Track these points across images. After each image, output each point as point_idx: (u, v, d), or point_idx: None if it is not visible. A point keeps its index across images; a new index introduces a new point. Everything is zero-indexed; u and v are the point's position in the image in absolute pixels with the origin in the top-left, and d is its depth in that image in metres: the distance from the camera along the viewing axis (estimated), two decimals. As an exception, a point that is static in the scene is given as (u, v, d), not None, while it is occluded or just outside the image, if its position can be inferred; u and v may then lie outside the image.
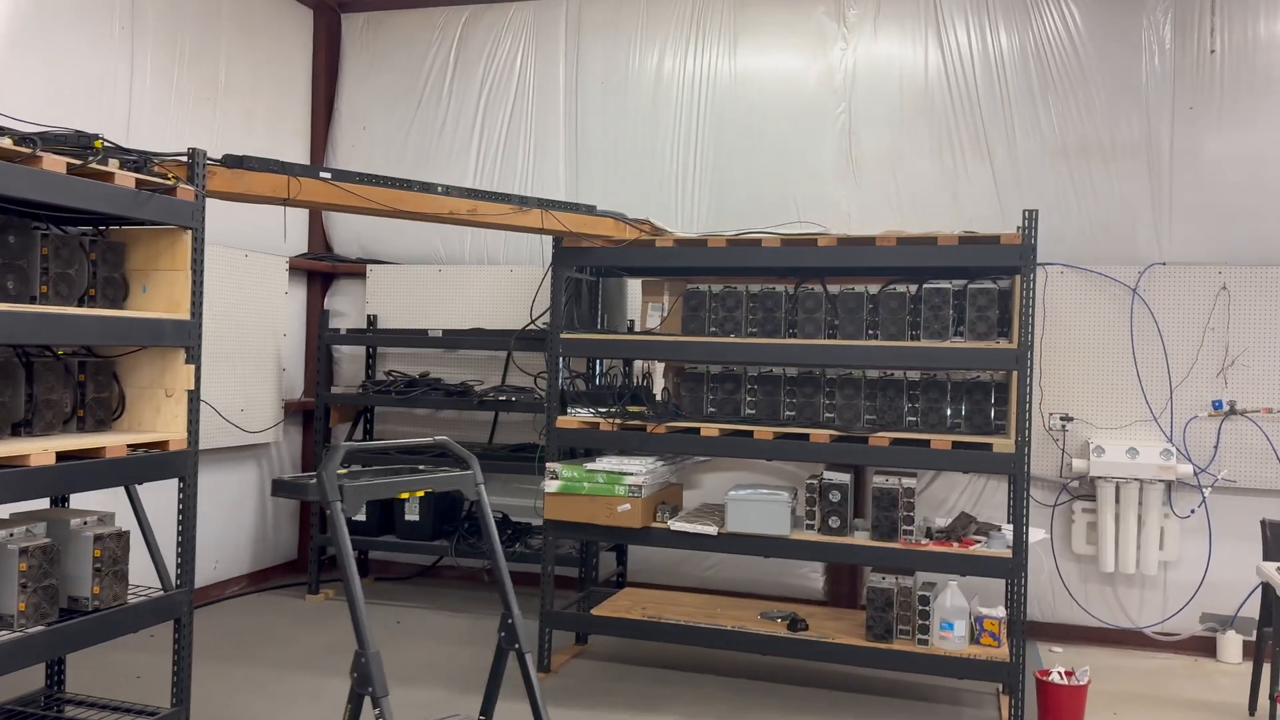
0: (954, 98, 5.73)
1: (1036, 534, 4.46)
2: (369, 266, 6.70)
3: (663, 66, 6.25)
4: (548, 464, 4.67)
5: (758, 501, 4.46)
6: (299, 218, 6.84)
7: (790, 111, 6.00)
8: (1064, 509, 5.45)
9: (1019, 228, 4.18)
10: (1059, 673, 4.17)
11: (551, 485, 4.62)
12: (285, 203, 3.66)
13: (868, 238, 4.40)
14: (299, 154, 6.78)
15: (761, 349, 4.51)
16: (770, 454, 4.49)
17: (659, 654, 5.05)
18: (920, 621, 4.29)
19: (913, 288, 4.54)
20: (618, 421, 4.66)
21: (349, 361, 6.87)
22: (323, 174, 3.72)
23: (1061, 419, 5.40)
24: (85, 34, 4.98)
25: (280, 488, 2.31)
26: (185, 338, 3.32)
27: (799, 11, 6.01)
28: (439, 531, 6.06)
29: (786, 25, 6.05)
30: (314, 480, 2.20)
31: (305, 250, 6.87)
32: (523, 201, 4.30)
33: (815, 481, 4.48)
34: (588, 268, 5.12)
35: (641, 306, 5.21)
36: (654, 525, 4.60)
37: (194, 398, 3.36)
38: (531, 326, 5.56)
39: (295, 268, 6.57)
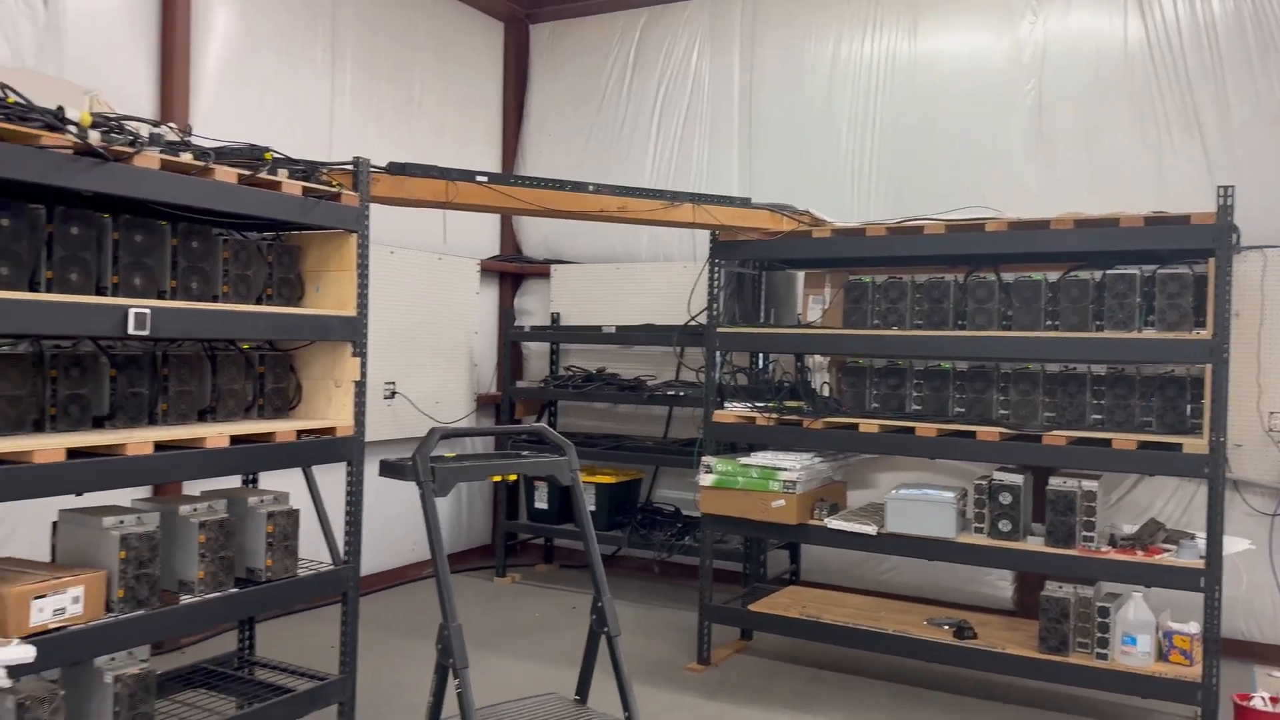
0: (1157, 68, 5.24)
1: (1238, 544, 4.01)
2: (553, 266, 6.96)
3: (839, 54, 6.10)
4: (704, 458, 4.69)
5: (920, 502, 4.27)
6: (492, 223, 7.20)
7: (974, 92, 5.70)
8: (1287, 520, 4.87)
9: (1222, 205, 3.77)
10: (1263, 698, 3.74)
11: (706, 479, 4.63)
12: (444, 206, 3.88)
13: (1041, 221, 4.12)
14: (490, 161, 7.14)
15: (927, 342, 4.32)
16: (933, 452, 4.30)
17: (823, 655, 4.94)
18: (1099, 634, 3.96)
19: (1097, 274, 4.20)
20: (775, 416, 4.60)
21: (536, 357, 7.16)
22: (479, 178, 3.91)
23: (1285, 419, 4.82)
24: (291, 59, 5.48)
25: (385, 469, 2.47)
26: (351, 332, 3.58)
27: (983, -13, 5.70)
28: (613, 523, 6.20)
29: (971, 2, 5.75)
30: (411, 462, 2.34)
31: (497, 253, 7.21)
32: (674, 197, 4.34)
33: (984, 482, 4.24)
34: (749, 261, 5.08)
35: (803, 299, 5.11)
36: (810, 522, 4.51)
37: (360, 388, 3.62)
38: (694, 322, 5.59)
39: (487, 269, 6.93)
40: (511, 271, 7.19)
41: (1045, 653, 4.04)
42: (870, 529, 4.33)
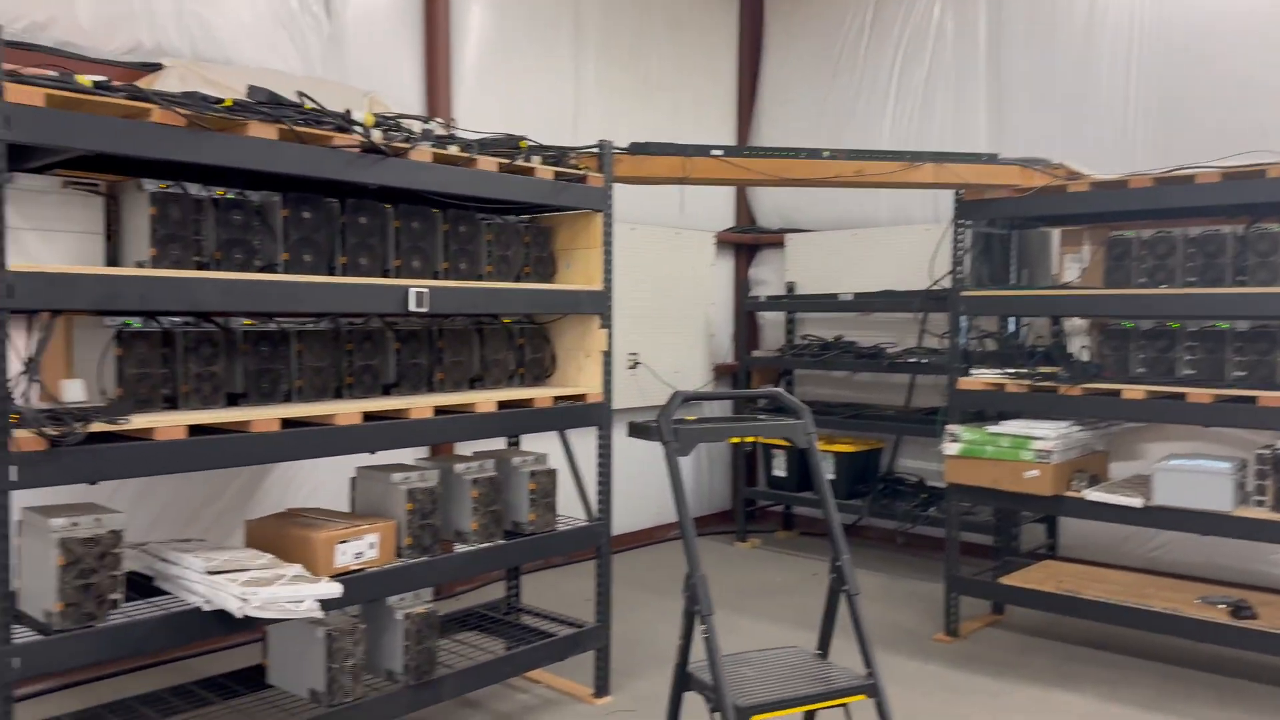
0: None
1: None
2: (787, 236, 6.98)
3: (1096, -5, 5.69)
4: (948, 426, 4.58)
5: (1192, 473, 3.98)
6: (727, 195, 7.30)
7: (1252, 23, 5.15)
8: None
9: None
10: None
11: (952, 448, 4.53)
12: (681, 181, 4.02)
13: (1336, 164, 3.70)
14: (725, 134, 7.24)
15: (1201, 300, 4.00)
16: (1207, 419, 3.98)
17: (1080, 632, 4.72)
18: None
19: (1407, 220, 3.72)
20: (1027, 383, 4.42)
21: (772, 327, 7.22)
22: (713, 152, 4.02)
23: None
24: (539, 51, 5.81)
25: (633, 429, 2.62)
26: (598, 305, 3.81)
27: (1267, -95, 5.12)
28: (853, 492, 6.18)
29: (1250, -76, 5.19)
30: (655, 424, 2.48)
31: (732, 224, 7.32)
32: (914, 157, 4.25)
33: (1266, 452, 3.89)
34: (997, 221, 4.88)
35: (1058, 259, 4.85)
36: (1067, 494, 4.31)
37: (607, 358, 3.84)
38: (937, 286, 5.43)
39: (722, 241, 7.06)
40: (746, 242, 7.28)
41: (1342, 640, 3.67)
42: (1135, 501, 4.09)
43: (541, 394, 3.64)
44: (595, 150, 3.81)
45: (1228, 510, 3.89)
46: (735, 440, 2.56)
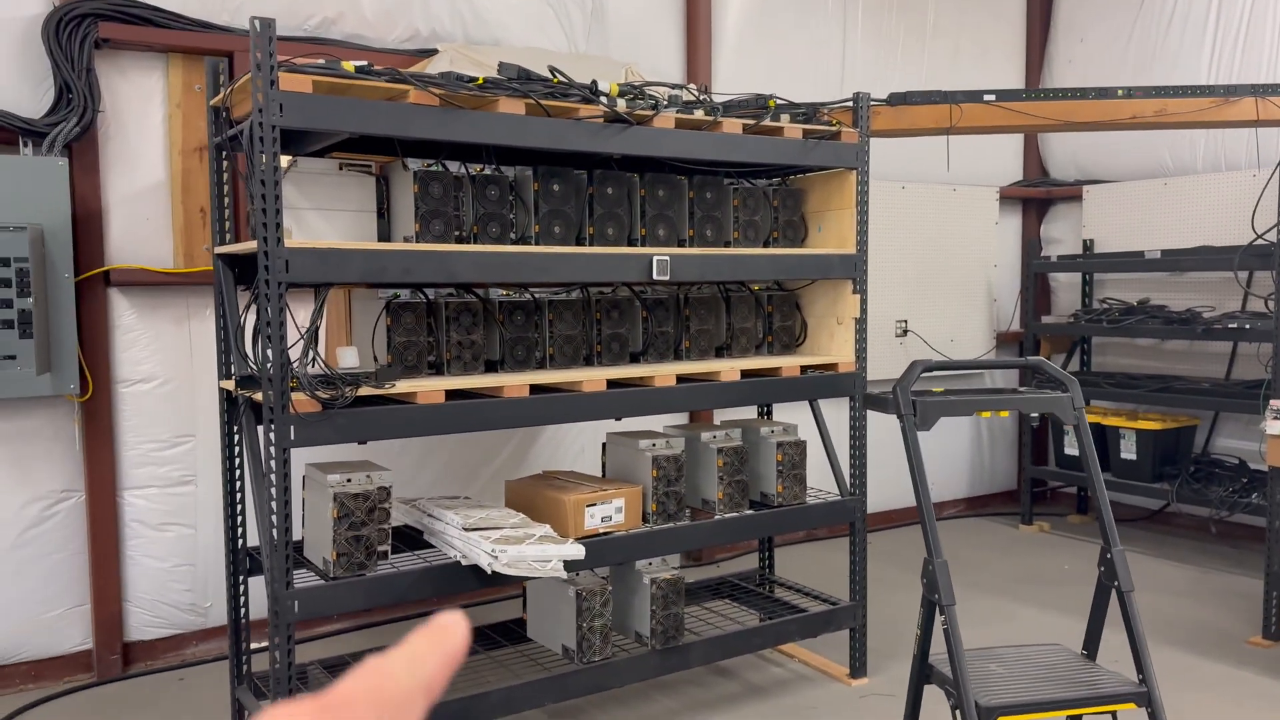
0: None
1: None
2: (1085, 188, 6.33)
3: None
4: (1272, 401, 3.96)
5: None
6: (1014, 146, 6.74)
7: None
8: None
9: None
10: None
11: (1275, 427, 3.91)
12: (949, 132, 3.73)
13: None
14: (1012, 78, 6.66)
15: None
16: None
17: None
18: None
19: None
20: (1376, 352, 3.72)
21: (1065, 290, 6.60)
22: (986, 97, 3.69)
23: None
24: (803, 9, 5.62)
25: (869, 401, 2.45)
26: (850, 270, 3.63)
27: None
28: (1159, 474, 5.53)
29: None
30: (892, 395, 2.30)
31: (1019, 178, 6.75)
32: (1229, 91, 3.68)
33: None
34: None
35: None
36: None
37: (861, 325, 3.66)
38: (1262, 241, 4.70)
39: (1007, 197, 6.53)
40: (1036, 197, 6.68)
41: None
42: None
43: (789, 363, 3.53)
44: (849, 104, 3.62)
45: None
46: (985, 414, 2.31)
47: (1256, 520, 5.03)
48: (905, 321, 6.00)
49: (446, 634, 0.44)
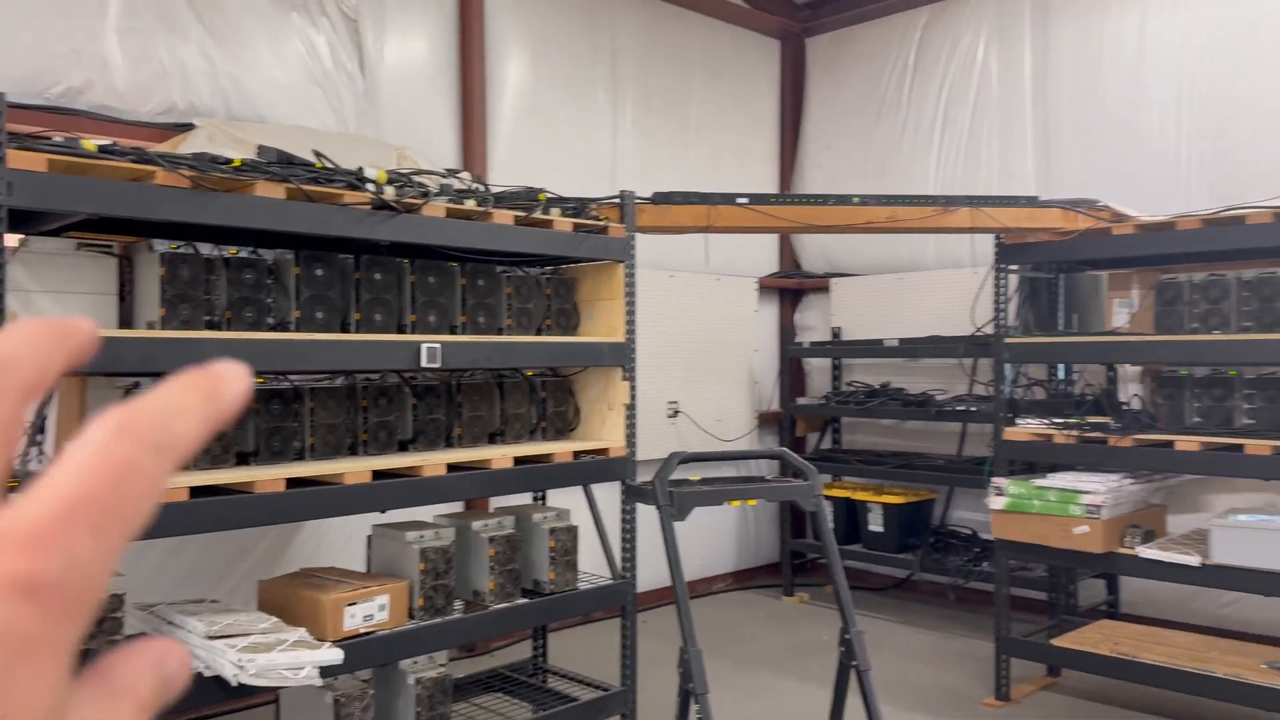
0: None
1: None
2: (832, 280, 6.85)
3: (1145, 31, 5.52)
4: (994, 479, 4.39)
5: (1251, 530, 3.73)
6: (770, 240, 7.22)
7: (1315, 57, 4.93)
8: None
9: None
10: None
11: (998, 502, 4.33)
12: (707, 230, 3.95)
13: (1400, 201, 3.48)
14: (768, 179, 7.17)
15: (1258, 346, 3.78)
16: (1267, 472, 3.74)
17: (1140, 697, 4.45)
18: None
19: None
20: (1075, 434, 4.22)
21: (818, 373, 7.07)
22: (740, 200, 3.94)
23: None
24: (576, 100, 5.83)
25: (628, 492, 2.53)
26: (621, 357, 3.74)
27: (1324, -68, 4.92)
28: (902, 545, 5.96)
29: (1307, -48, 4.99)
30: (651, 486, 2.38)
31: (776, 269, 7.22)
32: (948, 201, 4.12)
33: (1336, 508, 3.63)
34: (1043, 265, 4.71)
35: (1104, 303, 4.65)
36: (1120, 551, 4.08)
37: (631, 410, 3.76)
38: (980, 332, 5.26)
39: (766, 286, 6.96)
40: (790, 287, 7.16)
41: None
42: (1192, 560, 3.85)
43: (562, 448, 3.57)
44: (617, 201, 3.76)
45: (1294, 571, 3.63)
46: (735, 503, 2.42)
47: (989, 587, 5.50)
48: (676, 403, 6.21)
49: (220, 382, 0.34)
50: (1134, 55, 5.53)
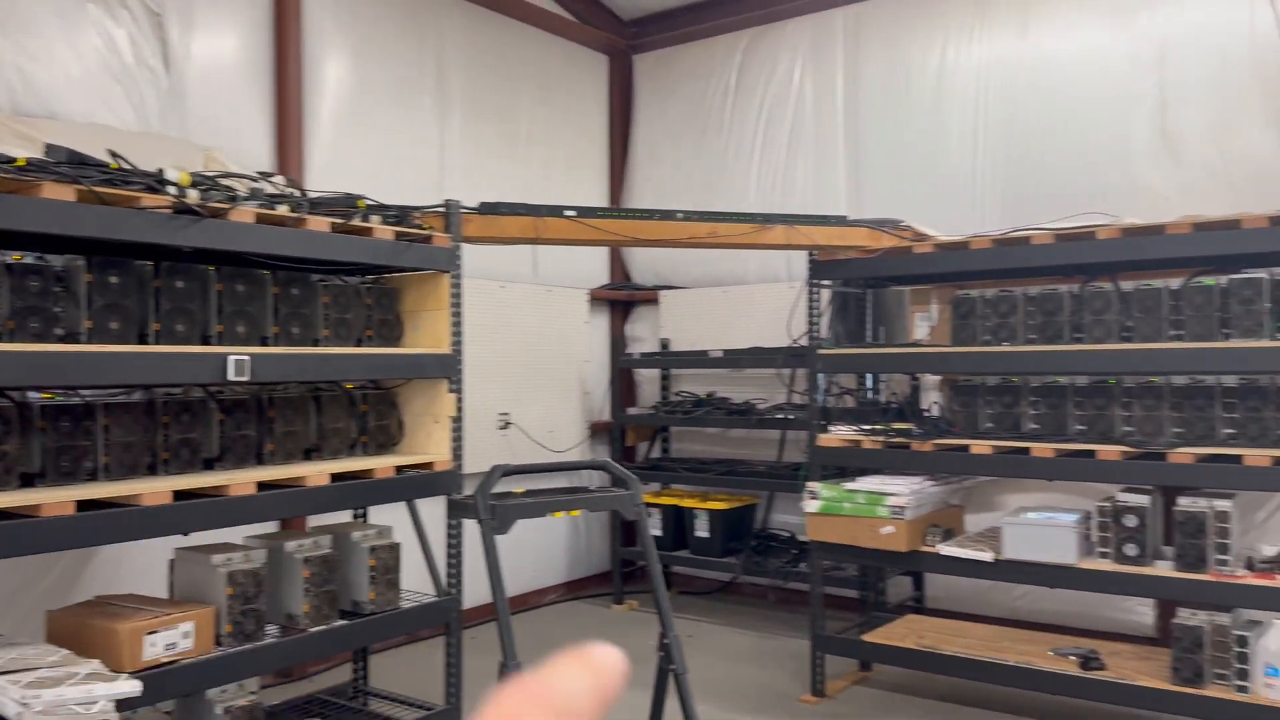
0: (1293, 53, 4.85)
1: (1402, 571, 3.63)
2: (661, 293, 6.99)
3: (945, 61, 5.92)
4: (808, 484, 4.59)
5: (1038, 526, 4.06)
6: (601, 252, 7.29)
7: (1090, 91, 5.42)
8: None
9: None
10: None
11: (812, 505, 4.53)
12: (534, 241, 3.95)
13: (1156, 226, 3.87)
14: (598, 193, 7.24)
15: (1041, 357, 4.11)
16: (1051, 474, 4.08)
17: (944, 687, 4.74)
18: (1238, 665, 3.65)
19: (1222, 280, 3.92)
20: (881, 439, 4.46)
21: (648, 383, 7.18)
22: (567, 212, 3.97)
23: None
24: (401, 106, 5.71)
25: (452, 507, 2.51)
26: (446, 369, 3.68)
27: (1095, -18, 5.43)
28: (727, 549, 6.13)
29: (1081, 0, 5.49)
30: (472, 500, 2.37)
31: (606, 281, 7.29)
32: (765, 219, 4.29)
33: (1108, 504, 4.00)
34: (853, 280, 4.97)
35: (908, 317, 4.95)
36: (922, 549, 4.34)
37: (458, 423, 3.71)
38: (797, 344, 5.49)
39: (596, 298, 7.02)
40: (621, 299, 7.26)
41: (1178, 685, 3.75)
42: (986, 555, 4.14)
43: (384, 463, 3.48)
44: (441, 210, 3.71)
45: (1073, 563, 3.97)
46: (558, 514, 2.44)
47: (807, 587, 5.72)
48: (508, 414, 6.17)
49: (604, 664, 0.39)
50: (935, 83, 5.93)
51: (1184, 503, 3.80)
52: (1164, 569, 3.85)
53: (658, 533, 6.43)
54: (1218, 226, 3.72)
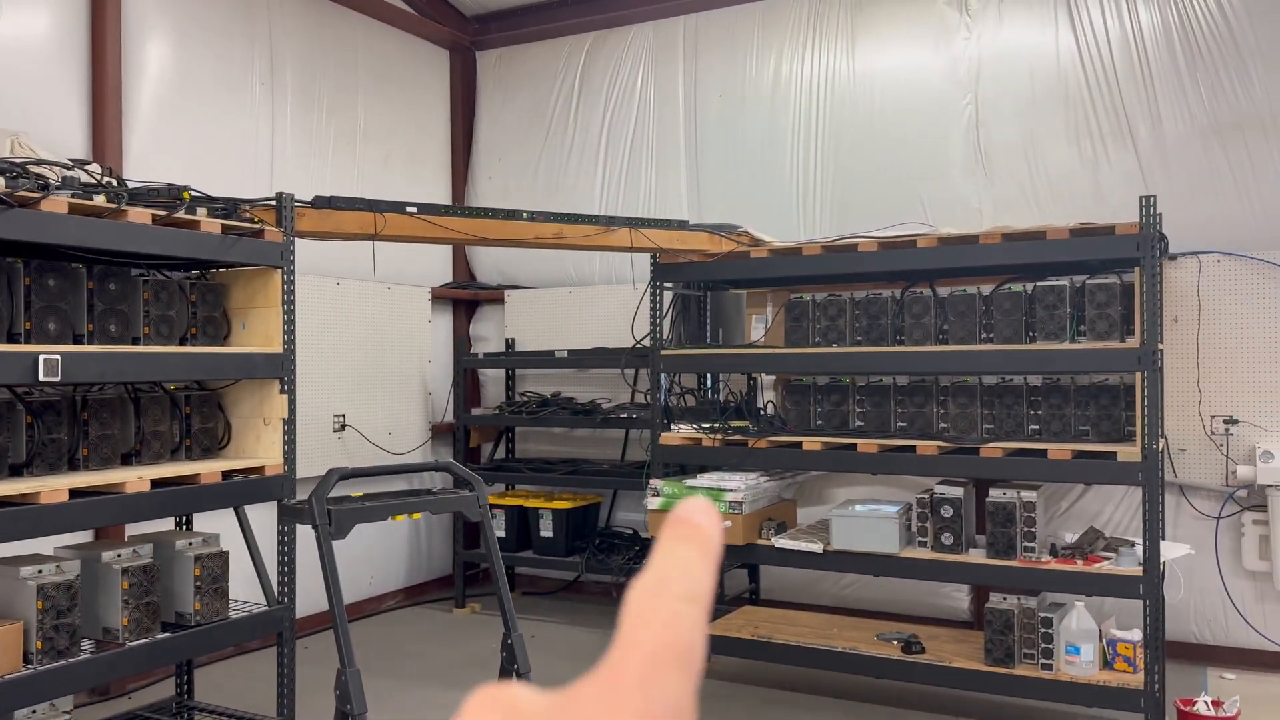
0: (1090, 81, 5.30)
1: (1177, 550, 4.04)
2: (506, 292, 6.95)
3: (780, 73, 6.15)
4: (650, 481, 4.68)
5: (863, 518, 4.28)
6: (444, 250, 7.18)
7: (913, 108, 5.75)
8: (1232, 522, 4.90)
9: (1146, 215, 3.81)
10: (1206, 702, 3.75)
11: (653, 502, 4.62)
12: (374, 238, 3.86)
13: (970, 236, 4.15)
14: (439, 191, 7.14)
15: (865, 358, 4.33)
16: (875, 468, 4.31)
17: (779, 674, 4.92)
18: (1044, 645, 3.97)
19: (1029, 287, 4.24)
20: (720, 437, 4.60)
21: (493, 384, 7.13)
22: (409, 209, 3.90)
23: (1225, 422, 4.86)
24: (229, 94, 5.47)
25: (284, 512, 2.44)
26: (277, 369, 3.56)
27: (919, 4, 5.76)
28: (571, 548, 6.17)
29: (906, 19, 5.81)
30: (307, 505, 2.31)
31: (450, 280, 7.20)
32: (610, 221, 4.35)
33: (926, 496, 4.25)
34: (693, 283, 5.09)
35: (746, 319, 5.12)
36: (758, 542, 4.50)
37: (290, 425, 3.59)
38: (640, 345, 5.59)
39: (439, 297, 6.91)
40: (465, 298, 7.18)
41: (991, 665, 4.04)
42: (816, 547, 4.33)
43: (209, 468, 3.33)
44: (273, 202, 3.58)
45: (895, 552, 4.20)
46: (399, 518, 2.39)
47: (647, 583, 5.82)
48: (344, 415, 5.99)
49: (702, 529, 0.37)
50: (770, 94, 6.15)
51: (995, 494, 4.09)
52: (977, 556, 4.13)
53: (502, 534, 6.40)
54: (1025, 237, 4.02)
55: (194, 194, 3.30)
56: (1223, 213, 4.96)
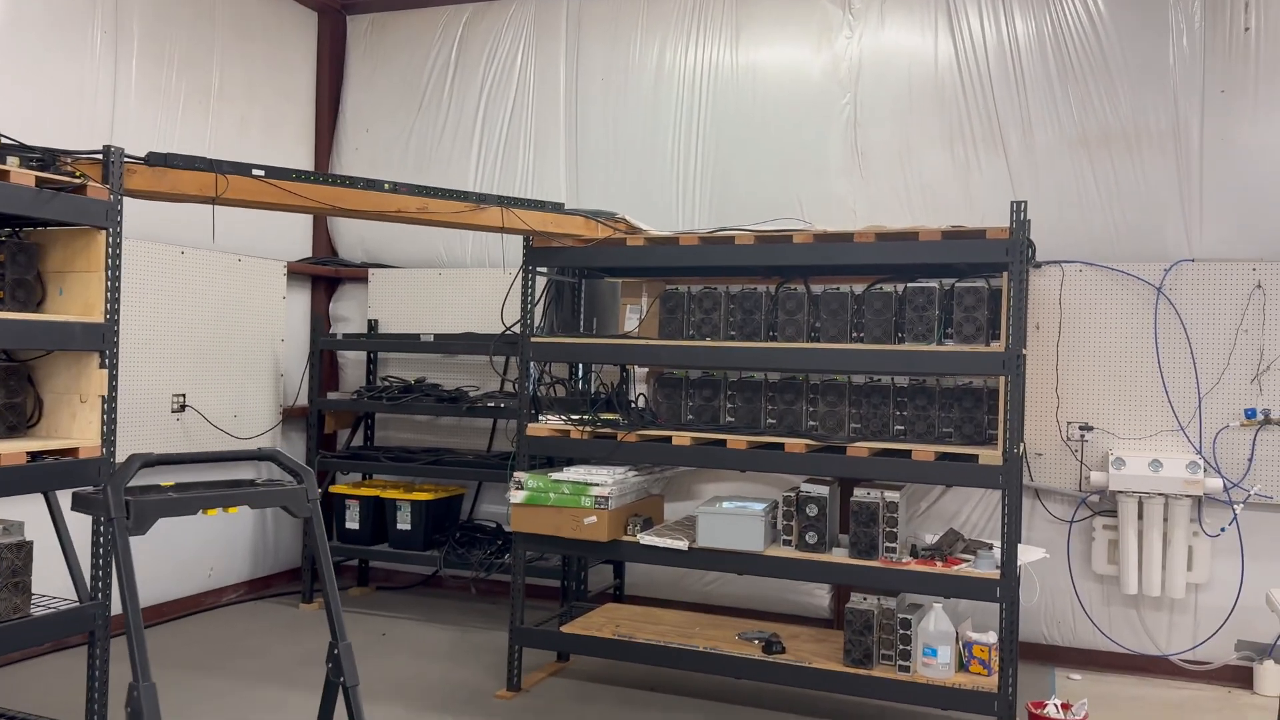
0: (966, 86, 5.37)
1: (1033, 553, 4.10)
2: (371, 271, 6.62)
3: (663, 61, 6.02)
4: (515, 474, 4.48)
5: (728, 515, 4.19)
6: (302, 222, 6.79)
7: (794, 104, 5.72)
8: (1083, 526, 5.05)
9: (1016, 221, 3.83)
10: (1055, 705, 3.81)
11: (517, 496, 4.42)
12: (215, 202, 3.53)
13: (845, 234, 4.11)
14: (301, 158, 6.74)
15: (738, 353, 4.24)
16: (744, 465, 4.22)
17: (640, 674, 4.80)
18: (902, 646, 3.97)
19: (900, 287, 4.23)
20: (588, 429, 4.44)
21: (354, 367, 6.78)
22: (255, 171, 3.59)
23: (1080, 428, 5.00)
24: (62, 43, 4.97)
25: (77, 500, 2.15)
26: (98, 341, 3.20)
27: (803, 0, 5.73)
28: (430, 541, 5.91)
29: (790, 14, 5.76)
30: (101, 495, 2.04)
31: (308, 254, 6.80)
32: (480, 199, 4.12)
33: (792, 494, 4.20)
34: (567, 269, 4.92)
35: (619, 308, 4.98)
36: (624, 539, 4.37)
37: (110, 404, 3.24)
38: (510, 331, 5.37)
39: (296, 272, 6.52)
40: (326, 275, 6.80)
41: (850, 666, 4.02)
42: (682, 544, 4.22)
43: (12, 449, 2.96)
44: (99, 156, 3.22)
45: (760, 550, 4.13)
46: (212, 512, 2.13)
47: (509, 579, 5.63)
48: (184, 395, 5.57)
49: None
50: (653, 82, 6.01)
51: (859, 493, 4.06)
52: (840, 556, 4.10)
53: (355, 526, 6.08)
54: (897, 238, 4.00)
55: (5, 140, 2.92)
56: (1086, 223, 5.09)
